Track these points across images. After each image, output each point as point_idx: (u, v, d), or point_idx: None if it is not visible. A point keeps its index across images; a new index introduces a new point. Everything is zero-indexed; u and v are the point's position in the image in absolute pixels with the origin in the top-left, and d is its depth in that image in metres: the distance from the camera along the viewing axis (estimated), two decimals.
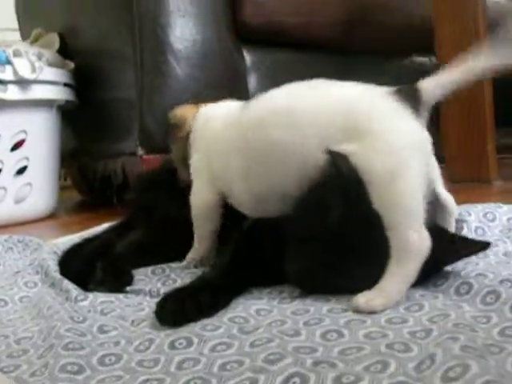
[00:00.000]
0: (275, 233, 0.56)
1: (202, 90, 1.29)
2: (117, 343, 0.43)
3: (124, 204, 0.87)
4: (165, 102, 1.25)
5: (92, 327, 0.46)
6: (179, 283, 0.60)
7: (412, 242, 0.46)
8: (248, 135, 0.58)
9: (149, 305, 0.53)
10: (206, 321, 0.46)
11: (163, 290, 0.57)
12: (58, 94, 1.42)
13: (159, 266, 0.67)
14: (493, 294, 0.45)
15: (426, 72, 0.52)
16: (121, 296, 0.57)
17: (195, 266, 0.66)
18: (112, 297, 0.56)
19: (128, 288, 0.60)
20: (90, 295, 0.56)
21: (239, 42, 1.37)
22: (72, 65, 1.51)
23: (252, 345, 0.39)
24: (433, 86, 0.51)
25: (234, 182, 0.60)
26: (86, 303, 0.55)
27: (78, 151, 1.65)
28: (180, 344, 0.41)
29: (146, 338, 0.43)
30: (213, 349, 0.40)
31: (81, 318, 0.48)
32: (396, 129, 0.50)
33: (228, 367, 0.37)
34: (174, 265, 0.66)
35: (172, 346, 0.41)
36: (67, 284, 0.59)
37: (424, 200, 0.48)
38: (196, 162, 0.67)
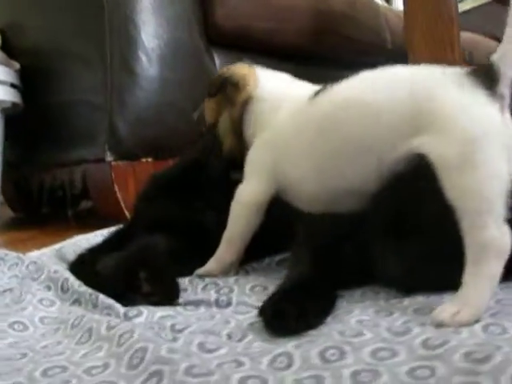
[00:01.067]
0: (345, 229, 0.51)
1: (175, 92, 1.21)
2: (240, 363, 0.34)
3: (134, 209, 0.76)
4: (137, 104, 1.15)
5: (190, 345, 0.37)
6: (236, 291, 0.52)
7: (492, 239, 0.41)
8: (320, 130, 0.52)
9: (225, 317, 0.45)
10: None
11: (227, 299, 0.49)
12: (5, 95, 1.27)
13: (188, 276, 0.59)
14: None
15: None
16: (179, 308, 0.48)
17: (216, 275, 0.58)
18: (169, 310, 0.47)
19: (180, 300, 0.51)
20: (144, 310, 0.47)
21: (209, 44, 1.30)
22: (18, 65, 1.36)
23: None
24: (509, 57, 0.45)
25: (304, 177, 0.54)
26: (141, 319, 0.45)
27: (19, 161, 1.48)
28: (332, 355, 0.33)
29: (276, 353, 0.35)
30: (374, 355, 0.33)
31: (170, 336, 0.38)
32: (471, 116, 0.46)
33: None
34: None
35: (322, 357, 0.33)
36: (104, 299, 0.49)
37: (507, 193, 0.43)
38: (257, 151, 0.59)
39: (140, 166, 1.19)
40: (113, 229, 0.94)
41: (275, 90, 0.61)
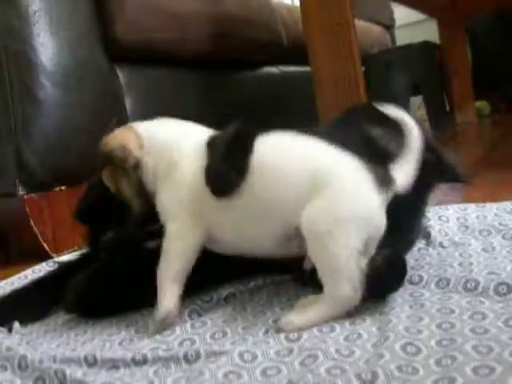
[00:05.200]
0: None
1: (81, 116, 1.17)
2: None
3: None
4: (44, 132, 1.10)
5: None
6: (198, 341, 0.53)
7: (340, 295, 0.51)
8: None
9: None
10: None
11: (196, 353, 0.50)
12: None
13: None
14: None
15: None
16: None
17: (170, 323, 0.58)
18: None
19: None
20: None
21: (112, 62, 1.27)
22: None
23: None
24: (404, 181, 0.54)
25: (219, 223, 0.57)
26: None
27: None
28: None
29: None
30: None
31: None
32: (350, 197, 0.52)
33: None
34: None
35: None
36: (74, 373, 0.48)
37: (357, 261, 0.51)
38: (172, 195, 0.59)
39: (54, 195, 1.14)
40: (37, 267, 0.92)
41: (164, 142, 0.61)
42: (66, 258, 0.94)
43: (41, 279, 0.75)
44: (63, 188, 1.15)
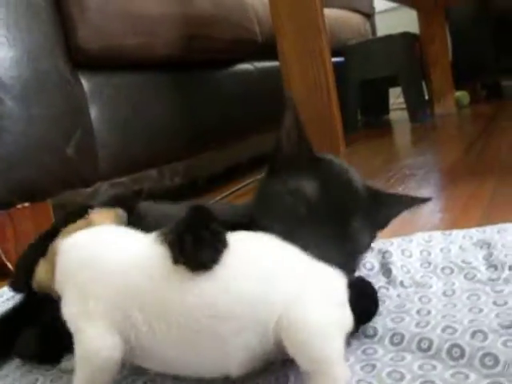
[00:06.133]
0: None
1: (45, 129, 1.13)
2: None
3: None
4: (5, 149, 1.07)
5: None
6: None
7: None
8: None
9: None
10: None
11: None
12: None
13: None
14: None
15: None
16: None
17: None
18: None
19: None
20: None
21: (76, 70, 1.23)
22: None
23: None
24: None
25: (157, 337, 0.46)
26: None
27: None
28: None
29: None
30: None
31: None
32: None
33: None
34: None
35: None
36: None
37: None
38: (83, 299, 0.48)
39: (17, 212, 1.11)
40: None
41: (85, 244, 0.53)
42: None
43: None
44: (26, 205, 1.12)
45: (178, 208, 0.66)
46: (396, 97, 3.21)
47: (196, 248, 0.45)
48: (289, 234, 0.52)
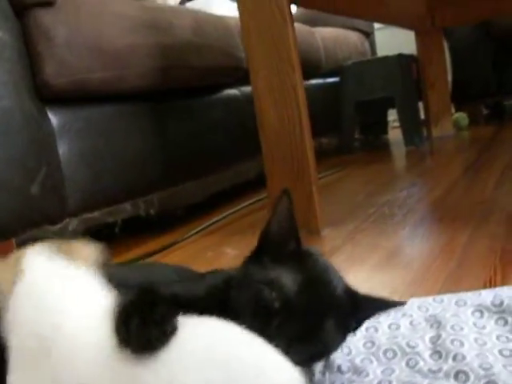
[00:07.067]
0: None
1: (7, 171, 1.10)
2: None
3: None
4: None
5: None
6: None
7: None
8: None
9: None
10: None
11: None
12: None
13: None
14: None
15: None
16: None
17: None
18: None
19: None
20: None
21: (43, 106, 1.20)
22: None
23: None
24: None
25: None
26: None
27: None
28: None
29: None
30: None
31: None
32: None
33: None
34: None
35: None
36: None
37: None
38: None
39: None
40: None
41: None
42: None
43: None
44: None
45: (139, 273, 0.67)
46: (392, 121, 3.18)
47: (142, 328, 0.43)
48: (256, 326, 0.50)
